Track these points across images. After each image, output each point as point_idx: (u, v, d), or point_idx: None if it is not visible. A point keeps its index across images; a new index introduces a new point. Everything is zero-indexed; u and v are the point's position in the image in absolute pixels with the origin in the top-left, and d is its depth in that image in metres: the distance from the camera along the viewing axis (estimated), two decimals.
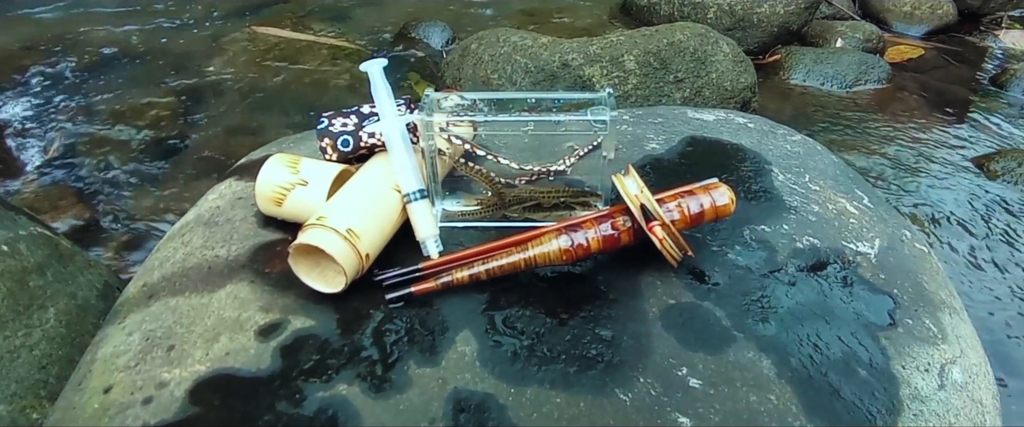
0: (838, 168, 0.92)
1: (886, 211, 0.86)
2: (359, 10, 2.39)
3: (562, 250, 0.67)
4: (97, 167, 1.53)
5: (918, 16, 2.50)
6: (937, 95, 2.08)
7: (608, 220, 0.68)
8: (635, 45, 1.58)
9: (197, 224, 0.80)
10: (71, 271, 1.02)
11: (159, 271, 0.74)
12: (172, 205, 1.43)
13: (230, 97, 1.80)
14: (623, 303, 0.67)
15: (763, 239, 0.76)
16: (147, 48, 2.03)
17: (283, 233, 0.76)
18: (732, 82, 1.61)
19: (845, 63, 2.11)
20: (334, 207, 0.69)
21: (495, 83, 1.57)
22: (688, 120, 0.99)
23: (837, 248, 0.76)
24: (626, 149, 0.90)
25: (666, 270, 0.70)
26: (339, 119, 0.77)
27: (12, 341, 0.89)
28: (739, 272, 0.71)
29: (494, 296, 0.68)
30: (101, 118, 1.69)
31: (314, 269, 0.68)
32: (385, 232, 0.70)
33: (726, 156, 0.90)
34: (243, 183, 0.87)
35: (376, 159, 0.76)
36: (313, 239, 0.64)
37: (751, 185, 0.84)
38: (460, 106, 0.73)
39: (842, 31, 2.32)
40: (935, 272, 0.79)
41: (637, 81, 1.55)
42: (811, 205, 0.82)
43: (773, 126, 1.00)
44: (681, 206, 0.68)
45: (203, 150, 1.59)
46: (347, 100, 1.81)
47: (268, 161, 0.75)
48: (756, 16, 2.12)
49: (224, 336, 0.64)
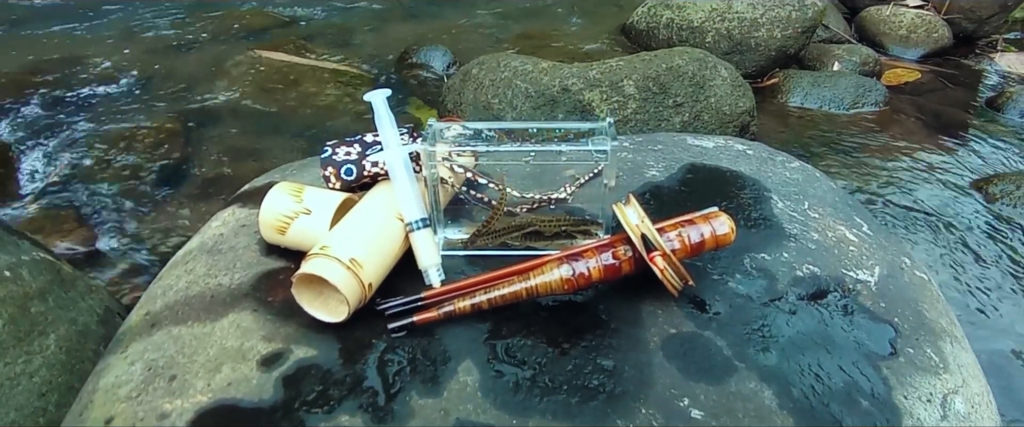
0: (837, 195, 0.93)
1: (885, 238, 0.87)
2: (361, 34, 2.42)
3: (564, 279, 0.67)
4: (100, 190, 1.54)
5: (914, 39, 2.53)
6: (935, 118, 2.09)
7: (609, 249, 0.69)
8: (634, 70, 1.60)
9: (200, 252, 0.81)
10: (72, 297, 1.03)
11: (162, 300, 0.75)
12: (174, 228, 1.43)
13: (233, 121, 1.82)
14: (624, 332, 0.67)
15: (763, 267, 0.76)
16: (151, 71, 2.05)
17: (286, 261, 0.77)
18: (731, 106, 1.63)
19: (843, 86, 2.13)
20: (337, 236, 0.69)
21: (496, 108, 1.58)
22: (688, 147, 1.00)
23: (837, 276, 0.76)
24: (626, 176, 0.91)
25: (667, 299, 0.70)
26: (343, 148, 0.78)
27: (12, 368, 0.89)
28: (740, 301, 0.72)
29: (496, 325, 0.68)
30: (104, 141, 1.70)
31: (317, 298, 0.68)
32: (388, 261, 0.71)
33: (726, 183, 0.91)
34: (247, 210, 0.87)
35: (379, 188, 0.77)
36: (316, 269, 0.65)
37: (751, 213, 0.85)
38: (462, 136, 0.73)
39: (839, 54, 2.35)
40: (936, 300, 0.79)
41: (637, 106, 1.56)
42: (811, 233, 0.82)
43: (772, 153, 1.01)
44: (682, 236, 0.69)
45: (205, 173, 1.60)
46: (348, 124, 1.82)
47: (272, 190, 0.76)
48: (754, 40, 2.15)
49: (226, 366, 0.64)
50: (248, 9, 2.60)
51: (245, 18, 2.50)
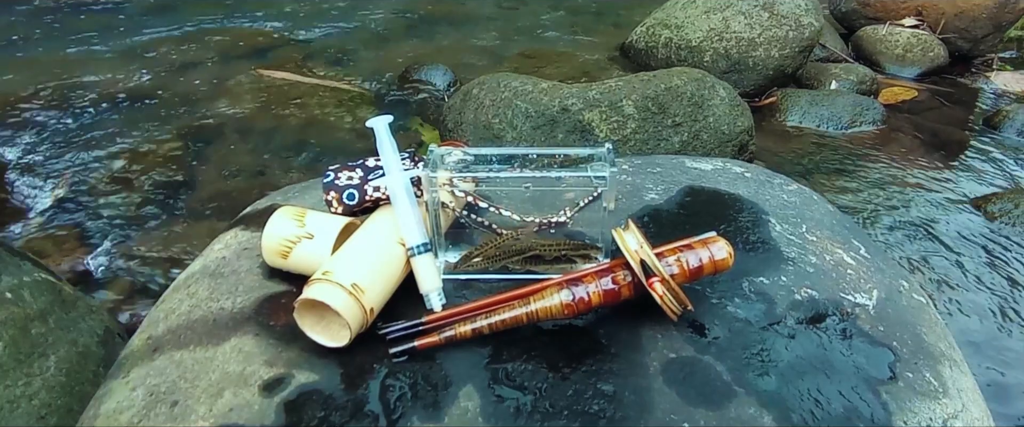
0: (834, 218, 0.94)
1: (883, 261, 0.87)
2: (362, 53, 2.44)
3: (564, 304, 0.68)
4: (101, 209, 1.55)
5: (910, 58, 2.56)
6: (932, 136, 2.11)
7: (609, 274, 0.69)
8: (633, 90, 1.61)
9: (203, 275, 0.81)
10: (73, 318, 1.03)
11: (164, 324, 0.75)
12: (175, 247, 1.44)
13: (235, 139, 1.83)
14: (624, 357, 0.68)
15: (762, 291, 0.76)
16: (153, 91, 2.07)
17: (288, 285, 0.77)
18: (729, 126, 1.64)
19: (840, 105, 2.15)
20: (339, 261, 0.70)
21: (496, 127, 1.60)
22: (686, 169, 1.01)
23: (835, 299, 0.77)
24: (625, 199, 0.92)
25: (667, 323, 0.71)
26: (345, 173, 0.79)
27: (12, 390, 0.89)
28: (739, 325, 0.72)
29: (497, 350, 0.68)
30: (106, 160, 1.71)
31: (319, 323, 0.68)
32: (389, 286, 0.71)
33: (724, 206, 0.91)
34: (249, 233, 0.88)
35: (381, 212, 0.77)
36: (319, 294, 0.65)
37: (749, 236, 0.85)
38: (463, 162, 0.74)
39: (836, 73, 2.37)
40: (934, 323, 0.80)
41: (636, 125, 1.58)
42: (808, 256, 0.83)
43: (770, 175, 1.02)
44: (680, 261, 0.69)
45: (207, 192, 1.61)
46: (349, 142, 1.83)
47: (275, 214, 0.76)
48: (751, 59, 2.17)
49: (228, 391, 0.64)
50: (251, 28, 2.63)
51: (248, 37, 2.53)
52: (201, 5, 2.86)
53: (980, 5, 2.54)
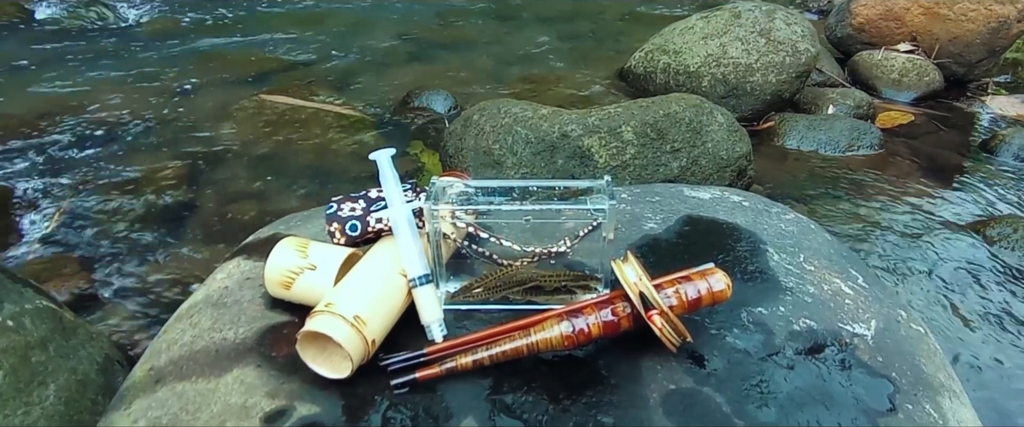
0: (832, 247, 0.95)
1: (881, 290, 0.88)
2: (364, 78, 2.47)
3: (564, 336, 0.68)
4: (103, 234, 1.56)
5: (906, 83, 2.58)
6: (929, 160, 2.12)
7: (608, 306, 0.70)
8: (632, 116, 1.63)
9: (206, 305, 0.82)
10: (73, 345, 1.03)
11: (166, 354, 0.75)
12: (177, 272, 1.44)
13: (237, 164, 1.85)
14: (624, 388, 0.68)
15: (760, 321, 0.77)
16: (157, 116, 2.09)
17: (291, 315, 0.78)
18: (728, 151, 1.65)
19: (838, 129, 2.17)
20: (342, 293, 0.70)
21: (496, 153, 1.61)
22: (685, 198, 1.02)
23: (834, 330, 0.77)
24: (624, 229, 0.93)
25: (666, 354, 0.71)
26: (347, 204, 0.80)
27: (11, 419, 0.89)
28: (738, 356, 0.72)
29: (497, 381, 0.69)
30: (109, 185, 1.72)
31: (321, 354, 0.69)
32: (391, 317, 0.72)
33: (722, 236, 0.92)
34: (251, 262, 0.88)
35: (383, 243, 0.78)
36: (321, 327, 0.66)
37: (747, 266, 0.86)
38: (464, 194, 0.75)
39: (833, 98, 2.39)
40: (933, 353, 0.80)
41: (635, 151, 1.59)
42: (806, 286, 0.84)
43: (768, 204, 1.03)
44: (679, 292, 0.70)
45: (210, 217, 1.62)
46: (351, 167, 1.85)
47: (278, 246, 0.77)
48: (749, 85, 2.19)
49: (230, 423, 0.65)
50: (255, 54, 2.66)
51: (252, 62, 2.56)
52: (206, 30, 2.90)
53: (973, 31, 2.57)
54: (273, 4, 3.36)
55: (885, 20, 2.70)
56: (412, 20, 3.21)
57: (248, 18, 3.10)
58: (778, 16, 2.29)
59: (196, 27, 2.94)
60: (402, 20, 3.20)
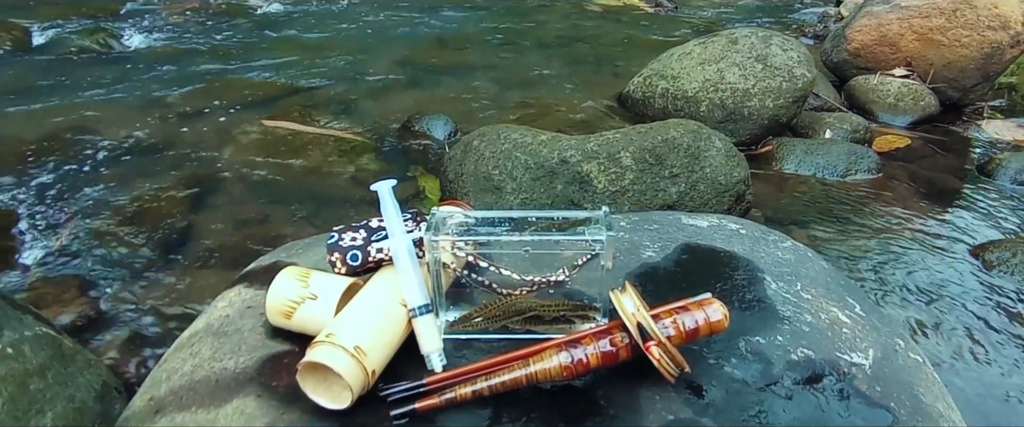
0: (829, 275, 0.95)
1: (878, 319, 0.88)
2: (365, 103, 2.49)
3: (562, 366, 0.69)
4: (103, 259, 1.56)
5: (902, 107, 2.61)
6: (927, 184, 2.14)
7: (607, 336, 0.70)
8: (631, 142, 1.64)
9: (206, 334, 0.82)
10: (71, 372, 1.03)
11: (166, 384, 0.76)
12: (177, 298, 1.44)
13: (239, 189, 1.86)
14: (623, 419, 0.68)
15: (758, 351, 0.77)
16: (158, 141, 2.10)
17: (291, 344, 0.78)
18: (726, 177, 1.67)
19: (835, 154, 2.18)
20: (342, 324, 0.71)
21: (496, 179, 1.62)
22: (682, 226, 1.03)
23: (832, 360, 0.78)
24: (623, 257, 0.93)
25: (664, 384, 0.71)
26: (349, 234, 0.80)
27: None
28: (736, 386, 0.73)
29: (497, 411, 0.69)
30: (110, 209, 1.73)
31: (321, 384, 0.69)
32: (391, 347, 0.72)
33: (720, 264, 0.93)
34: (252, 290, 0.89)
35: (383, 273, 0.79)
36: (322, 357, 0.66)
37: (745, 294, 0.87)
38: (464, 225, 0.76)
39: (830, 122, 2.42)
40: (932, 382, 0.80)
41: (634, 176, 1.60)
42: (804, 315, 0.84)
43: (765, 232, 1.04)
44: (677, 323, 0.70)
45: (211, 242, 1.63)
46: (351, 191, 1.86)
47: (279, 275, 0.78)
48: (747, 109, 2.21)
49: None
50: (257, 79, 2.69)
51: (254, 87, 2.59)
52: (208, 56, 2.94)
53: (967, 56, 2.60)
54: (275, 30, 3.40)
55: (880, 45, 2.74)
56: (413, 45, 3.25)
57: (250, 44, 3.14)
58: (774, 42, 2.32)
59: (198, 53, 2.98)
60: (403, 46, 3.24)
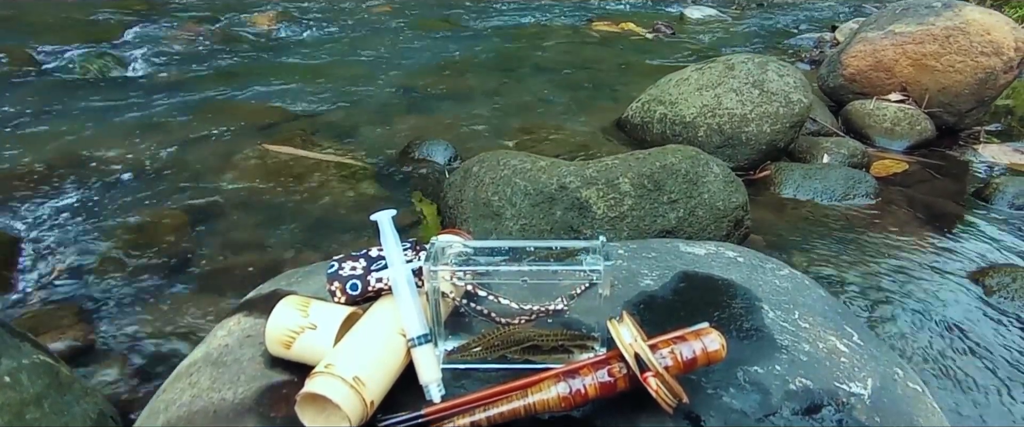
0: (826, 303, 0.95)
1: (876, 348, 0.88)
2: (366, 128, 2.51)
3: (561, 397, 0.69)
4: (102, 285, 1.56)
5: (899, 132, 2.63)
6: (925, 209, 2.14)
7: (605, 366, 0.70)
8: (629, 168, 1.66)
9: (205, 363, 0.82)
10: (67, 401, 1.03)
11: (164, 415, 0.76)
12: (176, 324, 1.44)
13: (238, 214, 1.86)
14: None
15: (756, 381, 0.77)
16: (160, 166, 2.12)
17: (290, 374, 0.78)
18: (724, 202, 1.68)
19: (833, 178, 2.20)
20: (341, 354, 0.71)
21: (495, 205, 1.63)
22: (680, 254, 1.03)
23: (830, 389, 0.78)
24: (621, 285, 0.94)
25: (663, 415, 0.71)
26: (348, 263, 0.81)
27: None
28: (734, 416, 0.73)
29: None
30: (110, 235, 1.73)
31: (320, 414, 0.69)
32: (390, 377, 0.73)
33: (718, 293, 0.93)
34: (252, 319, 0.89)
35: (382, 302, 0.79)
36: (321, 388, 0.66)
37: (743, 323, 0.87)
38: (463, 254, 0.77)
39: (827, 147, 2.43)
40: (931, 412, 0.80)
41: (633, 202, 1.61)
42: (802, 344, 0.84)
43: (762, 259, 1.05)
44: (674, 353, 0.71)
45: (211, 268, 1.63)
46: (351, 217, 1.86)
47: (279, 305, 0.78)
48: (744, 134, 2.23)
49: None
50: (258, 104, 2.71)
51: (255, 113, 2.61)
52: (210, 81, 2.97)
53: (961, 82, 2.63)
54: (276, 55, 3.45)
55: (875, 71, 2.77)
56: (413, 71, 3.29)
57: (252, 70, 3.18)
58: (771, 67, 2.34)
59: (200, 78, 3.01)
60: (403, 72, 3.27)
